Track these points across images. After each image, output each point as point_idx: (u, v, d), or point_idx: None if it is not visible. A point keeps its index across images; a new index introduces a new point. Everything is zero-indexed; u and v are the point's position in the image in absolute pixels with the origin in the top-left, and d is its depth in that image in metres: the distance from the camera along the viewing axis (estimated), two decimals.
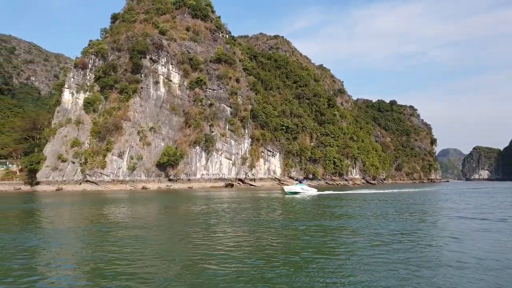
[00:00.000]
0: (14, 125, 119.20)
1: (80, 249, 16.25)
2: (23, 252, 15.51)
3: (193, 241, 17.81)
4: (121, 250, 15.56)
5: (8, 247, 16.41)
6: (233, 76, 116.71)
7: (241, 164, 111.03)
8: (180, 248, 16.05)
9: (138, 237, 18.83)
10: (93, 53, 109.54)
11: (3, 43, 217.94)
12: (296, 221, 25.52)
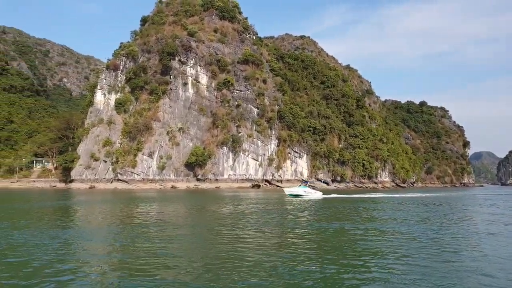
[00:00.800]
0: (49, 125, 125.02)
1: (111, 247, 16.79)
2: (59, 248, 16.18)
3: (224, 241, 17.95)
4: (151, 249, 15.87)
5: (46, 243, 17.19)
6: (260, 77, 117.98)
7: (268, 165, 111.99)
8: (210, 248, 16.21)
9: (169, 236, 19.32)
10: (124, 55, 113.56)
11: (39, 47, 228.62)
12: (330, 223, 26.06)
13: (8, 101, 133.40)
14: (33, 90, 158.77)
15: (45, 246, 16.34)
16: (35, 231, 20.56)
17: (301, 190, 58.43)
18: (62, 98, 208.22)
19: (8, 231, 20.28)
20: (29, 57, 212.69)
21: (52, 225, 23.75)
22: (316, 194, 58.56)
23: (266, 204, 42.63)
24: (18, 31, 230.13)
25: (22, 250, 15.58)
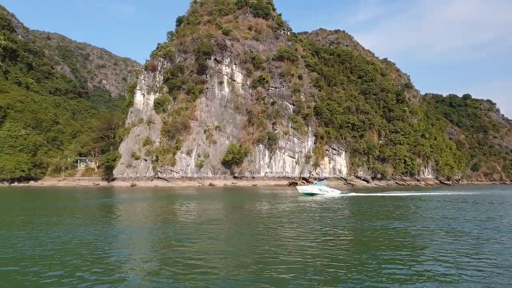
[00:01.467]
0: (91, 126, 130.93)
1: (155, 244, 17.33)
2: (104, 244, 16.99)
3: (266, 239, 18.01)
4: (192, 247, 16.25)
5: (91, 239, 18.15)
6: (295, 73, 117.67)
7: (305, 162, 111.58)
8: (252, 247, 16.30)
9: (211, 234, 19.74)
10: (161, 55, 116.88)
11: (79, 50, 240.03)
12: (372, 222, 25.82)
13: (53, 103, 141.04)
14: (75, 92, 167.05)
15: (93, 243, 17.10)
16: (83, 229, 21.64)
17: (315, 188, 56.13)
18: (102, 99, 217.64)
19: (57, 228, 21.50)
20: (71, 61, 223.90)
21: (99, 223, 24.92)
22: (334, 192, 55.97)
23: (303, 202, 42.57)
24: (61, 36, 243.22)
25: (71, 248, 16.36)
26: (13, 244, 17.22)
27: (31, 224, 23.78)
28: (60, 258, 14.06)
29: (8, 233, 20.18)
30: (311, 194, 54.34)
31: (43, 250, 15.76)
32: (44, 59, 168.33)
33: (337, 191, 57.44)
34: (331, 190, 56.47)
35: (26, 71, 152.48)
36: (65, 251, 15.50)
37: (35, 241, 17.82)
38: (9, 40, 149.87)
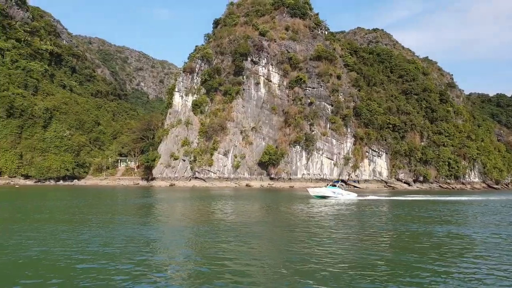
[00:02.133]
0: (131, 127, 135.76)
1: (191, 244, 17.60)
2: (145, 244, 17.31)
3: (301, 242, 17.80)
4: (227, 248, 16.31)
5: (130, 239, 18.57)
6: (333, 73, 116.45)
7: (344, 164, 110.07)
8: (289, 251, 16.07)
9: (245, 235, 19.73)
10: (199, 58, 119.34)
11: (119, 54, 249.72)
12: (409, 225, 25.09)
13: (95, 105, 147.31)
14: (115, 94, 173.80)
15: (133, 243, 17.45)
16: (125, 228, 22.25)
17: (328, 191, 52.75)
18: (140, 101, 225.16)
19: (103, 228, 22.04)
20: (111, 64, 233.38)
21: (142, 222, 25.65)
22: (349, 195, 53.01)
23: (342, 205, 41.79)
24: (102, 41, 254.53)
25: (116, 245, 16.86)
26: (82, 240, 18.17)
27: (94, 223, 25.01)
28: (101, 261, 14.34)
29: (79, 231, 21.27)
30: (324, 197, 51.69)
31: (109, 248, 16.50)
32: (86, 62, 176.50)
33: (353, 194, 54.41)
34: (346, 193, 53.83)
35: (70, 74, 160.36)
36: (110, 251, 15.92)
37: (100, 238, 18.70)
38: (55, 45, 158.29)
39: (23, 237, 18.18)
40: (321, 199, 50.32)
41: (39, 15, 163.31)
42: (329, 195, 51.49)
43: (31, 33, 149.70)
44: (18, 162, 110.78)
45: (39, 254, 14.59)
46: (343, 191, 53.32)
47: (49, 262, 13.59)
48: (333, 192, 52.04)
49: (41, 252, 14.89)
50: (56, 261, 13.55)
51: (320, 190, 54.35)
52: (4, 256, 14.24)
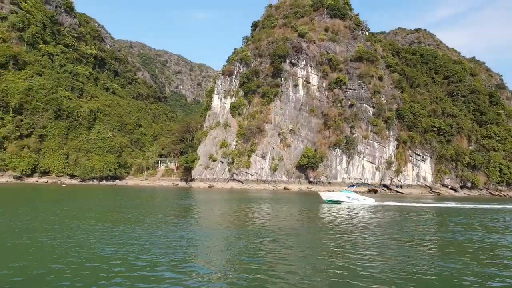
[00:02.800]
0: (171, 128, 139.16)
1: (229, 249, 17.24)
2: (183, 246, 17.29)
3: (341, 252, 17.00)
4: (267, 254, 15.83)
5: (173, 240, 18.57)
6: (375, 74, 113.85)
7: (386, 168, 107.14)
8: (326, 258, 15.45)
9: (287, 238, 19.17)
10: (237, 60, 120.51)
11: (158, 57, 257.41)
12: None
13: (136, 107, 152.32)
14: (155, 97, 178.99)
15: (174, 245, 17.35)
16: (180, 229, 22.30)
17: (342, 195, 49.97)
18: (179, 103, 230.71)
19: (159, 229, 22.26)
20: (151, 67, 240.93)
21: (184, 224, 25.66)
22: (366, 201, 49.85)
23: (387, 212, 40.17)
24: (142, 45, 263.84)
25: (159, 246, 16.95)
26: (145, 241, 18.49)
27: (147, 223, 25.58)
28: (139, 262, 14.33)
29: (137, 231, 21.81)
30: (336, 202, 48.96)
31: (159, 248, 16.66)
32: (128, 66, 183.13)
33: (370, 199, 51.22)
34: (362, 198, 50.59)
35: (112, 77, 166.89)
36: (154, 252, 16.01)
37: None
38: (99, 50, 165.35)
39: (92, 236, 18.64)
40: (334, 204, 47.89)
41: (85, 21, 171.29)
42: (343, 200, 48.92)
43: (77, 38, 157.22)
44: (64, 162, 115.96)
45: (111, 255, 14.78)
46: (359, 196, 50.47)
47: (124, 263, 13.68)
48: (347, 197, 49.42)
49: (112, 253, 15.07)
50: (132, 266, 13.52)
51: (333, 194, 52.12)
52: (80, 255, 14.57)
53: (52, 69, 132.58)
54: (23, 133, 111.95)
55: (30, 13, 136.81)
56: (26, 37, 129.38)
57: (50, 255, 14.77)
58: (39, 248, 16.02)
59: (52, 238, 18.04)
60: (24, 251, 15.46)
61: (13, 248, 16.02)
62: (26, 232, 19.84)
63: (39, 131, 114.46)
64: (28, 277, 11.96)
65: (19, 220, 24.55)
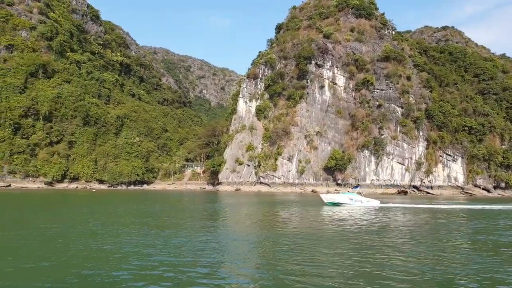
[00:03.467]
0: (197, 133, 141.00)
1: (258, 254, 16.82)
2: (211, 250, 17.05)
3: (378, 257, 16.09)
4: (300, 261, 15.27)
5: (201, 243, 18.53)
6: (403, 74, 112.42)
7: (416, 169, 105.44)
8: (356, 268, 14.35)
9: (313, 248, 18.22)
10: (262, 63, 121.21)
11: (182, 63, 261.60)
12: None
13: (162, 112, 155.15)
14: (180, 102, 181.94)
15: (202, 248, 17.27)
16: (225, 235, 22.15)
17: (344, 197, 47.55)
18: (203, 108, 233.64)
19: (204, 234, 21.89)
20: (175, 73, 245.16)
21: (224, 228, 25.77)
22: (370, 202, 47.67)
23: (419, 214, 38.56)
24: (166, 50, 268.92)
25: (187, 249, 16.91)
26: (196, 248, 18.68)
27: (187, 228, 25.92)
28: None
29: (184, 237, 22.13)
30: (337, 204, 46.75)
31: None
32: (153, 71, 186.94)
33: (375, 201, 48.76)
34: (366, 199, 48.20)
35: (138, 83, 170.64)
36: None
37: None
38: (124, 56, 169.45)
39: (138, 243, 18.49)
40: (335, 206, 45.76)
41: (110, 29, 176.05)
42: (344, 202, 46.70)
43: (103, 45, 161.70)
44: (93, 167, 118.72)
45: (164, 264, 14.36)
46: (363, 198, 48.28)
47: (179, 272, 13.47)
48: (350, 199, 47.01)
49: (164, 262, 14.66)
50: (187, 274, 13.30)
51: (334, 196, 49.49)
52: (131, 264, 14.31)
53: (79, 76, 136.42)
54: (53, 140, 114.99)
55: (58, 22, 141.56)
56: (55, 45, 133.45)
57: (108, 259, 14.88)
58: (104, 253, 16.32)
59: (104, 244, 18.11)
60: (93, 255, 15.73)
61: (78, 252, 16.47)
62: (80, 237, 20.38)
63: (68, 138, 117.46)
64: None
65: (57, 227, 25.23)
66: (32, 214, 32.56)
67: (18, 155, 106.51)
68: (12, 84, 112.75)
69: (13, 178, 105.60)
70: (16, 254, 15.56)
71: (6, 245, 17.49)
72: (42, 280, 11.94)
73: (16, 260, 14.50)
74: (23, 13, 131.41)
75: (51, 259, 14.66)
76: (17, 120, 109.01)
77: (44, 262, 14.29)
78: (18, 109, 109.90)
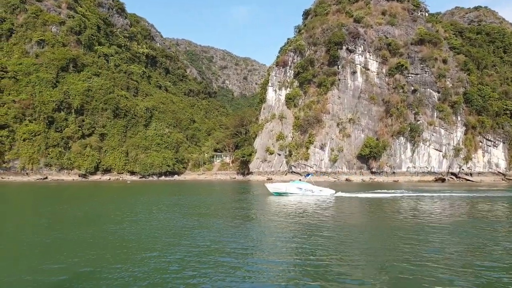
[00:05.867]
0: (225, 123, 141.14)
1: (293, 249, 15.69)
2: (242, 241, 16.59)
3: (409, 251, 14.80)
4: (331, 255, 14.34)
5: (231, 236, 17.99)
6: (439, 57, 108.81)
7: (454, 156, 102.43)
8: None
9: (349, 241, 17.14)
10: (291, 50, 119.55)
11: (204, 54, 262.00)
12: None
13: (189, 103, 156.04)
14: (206, 93, 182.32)
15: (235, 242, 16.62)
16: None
17: (292, 187, 43.36)
18: (226, 98, 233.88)
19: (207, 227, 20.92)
20: (198, 64, 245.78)
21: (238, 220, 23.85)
22: (323, 191, 42.77)
23: (461, 206, 35.05)
24: (188, 42, 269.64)
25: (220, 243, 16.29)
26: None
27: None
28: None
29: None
30: (286, 194, 42.84)
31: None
32: (178, 63, 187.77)
33: (329, 190, 43.69)
34: (318, 189, 43.40)
35: (164, 75, 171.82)
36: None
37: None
38: (150, 48, 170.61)
39: (201, 235, 18.13)
40: (283, 196, 42.24)
41: (135, 21, 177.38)
42: (292, 192, 42.70)
43: (129, 38, 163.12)
44: (124, 159, 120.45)
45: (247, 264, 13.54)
46: (314, 187, 43.65)
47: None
48: (299, 189, 43.04)
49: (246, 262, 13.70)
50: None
51: (281, 185, 45.11)
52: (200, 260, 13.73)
53: (108, 69, 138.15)
54: (85, 133, 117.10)
55: (86, 16, 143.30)
56: (83, 39, 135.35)
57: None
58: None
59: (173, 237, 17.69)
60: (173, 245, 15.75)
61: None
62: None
63: (100, 130, 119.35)
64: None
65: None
66: (104, 208, 32.01)
67: (53, 148, 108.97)
68: (45, 79, 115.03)
69: (49, 171, 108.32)
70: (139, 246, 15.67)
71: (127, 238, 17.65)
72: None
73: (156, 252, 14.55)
74: (52, 8, 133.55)
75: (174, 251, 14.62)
76: (51, 114, 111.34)
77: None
78: (51, 103, 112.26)
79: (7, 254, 14.46)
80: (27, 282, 11.11)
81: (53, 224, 21.59)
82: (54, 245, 15.79)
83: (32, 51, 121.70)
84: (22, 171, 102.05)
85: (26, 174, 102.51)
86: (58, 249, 14.99)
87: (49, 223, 21.91)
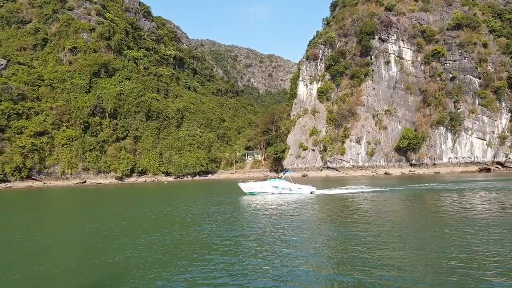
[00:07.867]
0: (254, 121, 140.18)
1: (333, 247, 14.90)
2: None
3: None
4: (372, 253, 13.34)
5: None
6: (478, 41, 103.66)
7: (499, 144, 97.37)
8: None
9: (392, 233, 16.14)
10: (321, 43, 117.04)
11: (229, 53, 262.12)
12: None
13: (218, 103, 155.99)
14: (233, 92, 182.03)
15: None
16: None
17: (267, 186, 40.03)
18: (252, 96, 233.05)
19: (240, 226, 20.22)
20: (223, 63, 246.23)
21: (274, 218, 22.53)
22: (302, 189, 39.15)
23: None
24: (212, 42, 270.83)
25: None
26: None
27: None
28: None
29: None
30: (261, 193, 39.65)
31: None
32: (205, 63, 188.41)
33: (309, 187, 39.97)
34: (296, 186, 39.81)
35: (192, 76, 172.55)
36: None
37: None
38: (177, 50, 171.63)
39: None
40: (255, 195, 39.46)
41: (161, 24, 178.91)
42: (267, 191, 39.46)
43: (157, 41, 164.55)
44: (159, 160, 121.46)
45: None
46: (292, 185, 39.97)
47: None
48: (275, 187, 39.67)
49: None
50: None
51: (255, 185, 41.33)
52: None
53: (138, 72, 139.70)
54: (119, 136, 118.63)
55: (114, 22, 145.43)
56: (113, 45, 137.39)
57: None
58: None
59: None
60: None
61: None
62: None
63: (133, 133, 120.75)
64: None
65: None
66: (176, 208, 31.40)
67: (90, 152, 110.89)
68: (79, 85, 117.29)
69: (87, 174, 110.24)
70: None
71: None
72: None
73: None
74: (82, 16, 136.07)
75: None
76: (86, 119, 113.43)
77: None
78: (86, 108, 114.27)
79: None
80: None
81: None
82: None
83: (65, 59, 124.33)
84: (62, 176, 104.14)
85: (66, 179, 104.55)
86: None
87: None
